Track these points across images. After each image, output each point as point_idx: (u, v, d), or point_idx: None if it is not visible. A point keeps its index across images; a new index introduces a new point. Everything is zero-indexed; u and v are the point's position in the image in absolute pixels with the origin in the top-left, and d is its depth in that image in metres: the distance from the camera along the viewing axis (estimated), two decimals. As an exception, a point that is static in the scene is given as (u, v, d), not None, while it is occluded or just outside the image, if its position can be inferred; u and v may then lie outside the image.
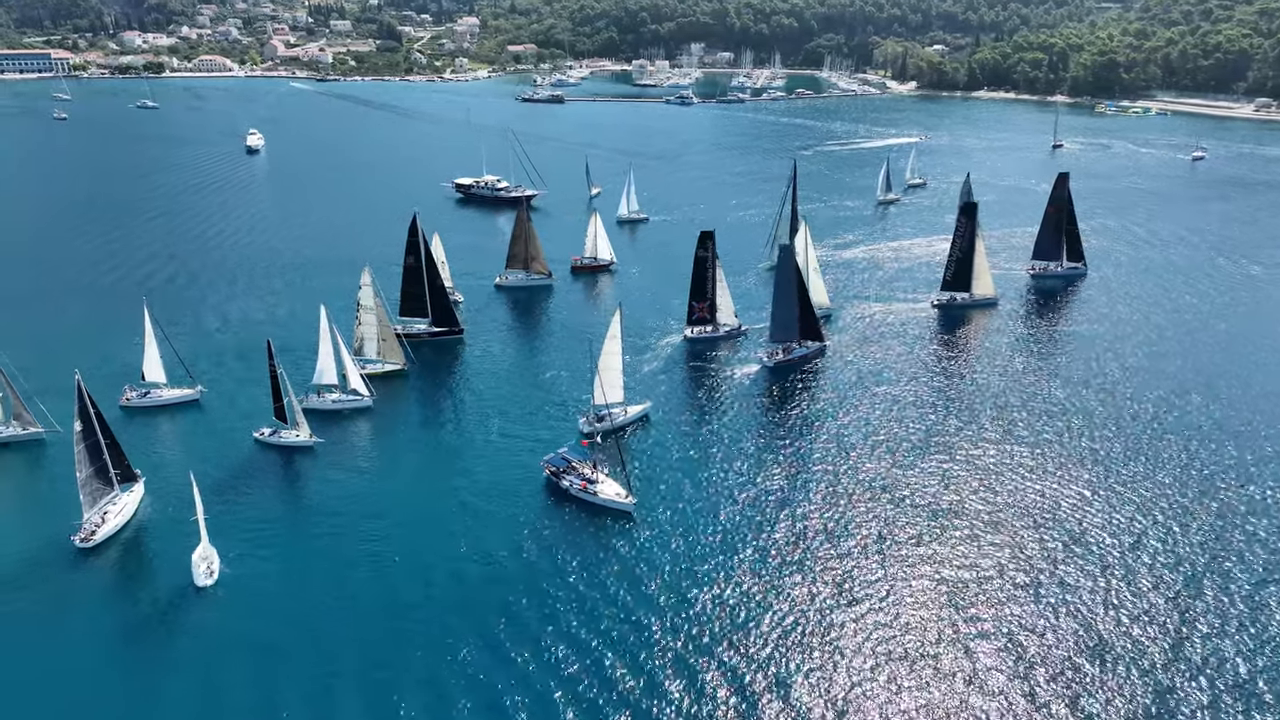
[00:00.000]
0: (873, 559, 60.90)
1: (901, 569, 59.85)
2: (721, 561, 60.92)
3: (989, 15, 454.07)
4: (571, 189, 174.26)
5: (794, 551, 61.90)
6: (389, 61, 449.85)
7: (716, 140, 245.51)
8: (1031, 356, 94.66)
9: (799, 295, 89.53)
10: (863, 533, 63.74)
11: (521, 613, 56.30)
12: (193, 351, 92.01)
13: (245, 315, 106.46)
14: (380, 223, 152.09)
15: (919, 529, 64.04)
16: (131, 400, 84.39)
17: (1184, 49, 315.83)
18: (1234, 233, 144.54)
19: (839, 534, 63.70)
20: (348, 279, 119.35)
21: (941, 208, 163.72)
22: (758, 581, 58.77)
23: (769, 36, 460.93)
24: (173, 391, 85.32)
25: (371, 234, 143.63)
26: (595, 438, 69.56)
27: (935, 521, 64.86)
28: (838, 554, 61.50)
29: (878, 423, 79.79)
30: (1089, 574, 58.98)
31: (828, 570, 59.92)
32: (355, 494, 70.27)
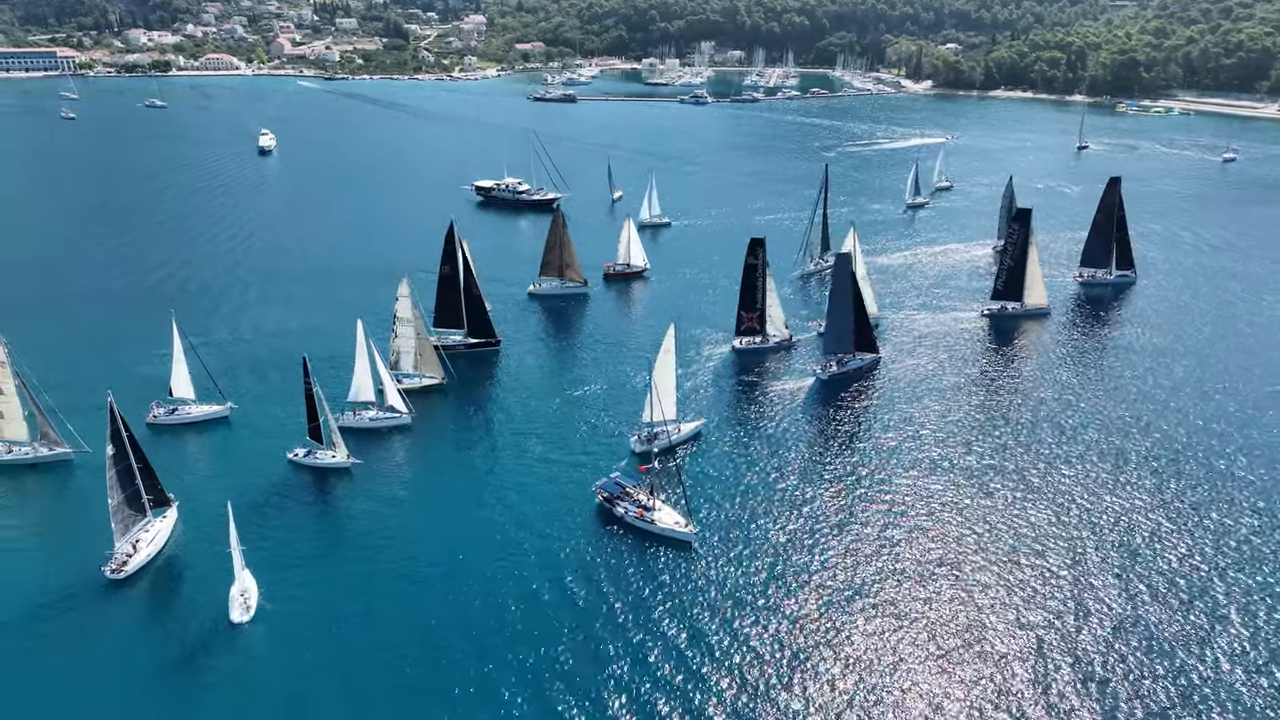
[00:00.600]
0: (948, 593, 57.29)
1: (976, 604, 56.29)
2: (786, 597, 57.29)
3: (1002, 13, 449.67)
4: (592, 192, 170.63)
5: (863, 586, 58.28)
6: (397, 60, 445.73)
7: (734, 141, 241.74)
8: (1090, 372, 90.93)
9: (855, 305, 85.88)
10: (935, 566, 60.10)
11: (573, 656, 52.72)
12: (218, 364, 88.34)
13: (270, 325, 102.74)
14: (402, 227, 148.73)
15: (990, 560, 60.47)
16: (159, 417, 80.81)
17: (1205, 48, 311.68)
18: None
19: (910, 567, 60.03)
20: (373, 287, 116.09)
21: (974, 211, 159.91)
22: (826, 622, 55.07)
23: (780, 35, 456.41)
24: (201, 408, 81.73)
25: (394, 239, 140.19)
26: (653, 463, 65.70)
27: (1007, 553, 61.26)
28: (911, 589, 57.85)
29: (938, 442, 76.10)
30: (1176, 613, 55.40)
31: (901, 607, 56.30)
32: (395, 522, 66.62)
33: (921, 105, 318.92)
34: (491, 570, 60.23)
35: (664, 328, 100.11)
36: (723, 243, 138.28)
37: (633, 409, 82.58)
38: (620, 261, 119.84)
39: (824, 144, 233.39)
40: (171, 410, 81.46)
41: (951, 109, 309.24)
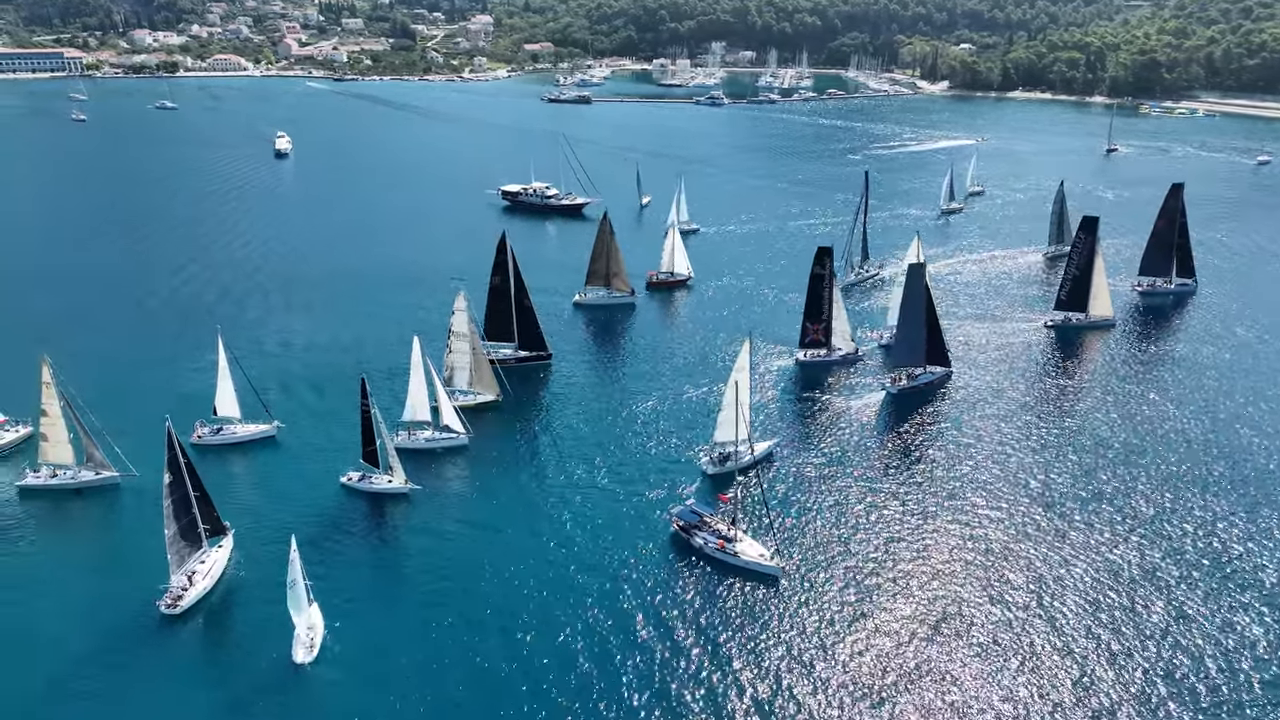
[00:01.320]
0: (1047, 634, 53.92)
1: (1073, 643, 53.06)
2: (879, 638, 53.82)
3: (1016, 13, 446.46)
4: (619, 197, 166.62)
5: (959, 626, 54.85)
6: (405, 60, 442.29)
7: (757, 143, 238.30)
8: (1167, 389, 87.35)
9: (928, 317, 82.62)
10: (1031, 603, 56.72)
11: (653, 705, 49.18)
12: (260, 380, 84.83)
13: (310, 338, 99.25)
14: (432, 233, 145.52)
15: (1079, 596, 57.22)
16: (204, 437, 77.37)
17: (1227, 48, 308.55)
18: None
19: (1008, 606, 56.62)
20: (412, 296, 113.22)
21: (1012, 217, 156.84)
22: (927, 667, 51.56)
23: (792, 35, 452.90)
24: (248, 427, 78.33)
25: (424, 245, 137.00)
26: (734, 492, 62.16)
27: (1093, 585, 57.97)
28: (1011, 628, 54.46)
29: (1022, 465, 72.78)
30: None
31: (1002, 648, 52.91)
32: (459, 554, 62.96)
33: (940, 107, 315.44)
34: (560, 610, 56.77)
35: (718, 340, 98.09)
36: (760, 250, 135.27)
37: (695, 427, 79.42)
38: (664, 270, 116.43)
39: (848, 146, 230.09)
40: (217, 430, 78.08)
41: (970, 110, 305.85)
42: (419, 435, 76.36)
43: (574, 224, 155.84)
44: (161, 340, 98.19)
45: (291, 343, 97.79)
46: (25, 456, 72.92)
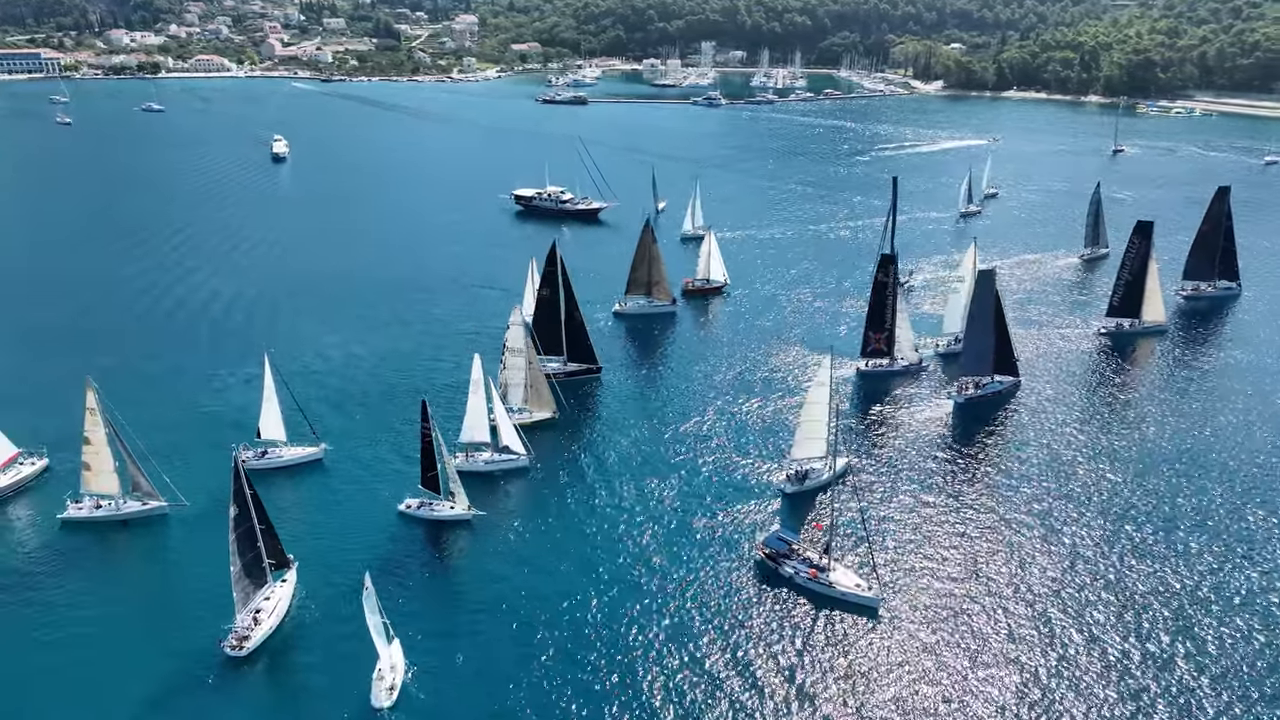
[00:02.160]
0: (1169, 665, 51.59)
1: (1180, 669, 50.68)
2: (998, 671, 51.13)
3: (1005, 13, 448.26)
4: (633, 201, 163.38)
5: (1085, 657, 52.39)
6: (392, 61, 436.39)
7: (760, 144, 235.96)
8: (1230, 397, 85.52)
9: (997, 325, 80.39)
10: (1135, 630, 54.40)
11: None
12: (300, 399, 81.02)
13: (348, 354, 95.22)
14: (450, 239, 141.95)
15: (1215, 623, 54.88)
16: (248, 461, 72.95)
17: (1221, 48, 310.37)
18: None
19: (1121, 635, 54.29)
20: (443, 308, 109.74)
21: (1034, 220, 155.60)
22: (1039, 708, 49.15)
23: (782, 35, 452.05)
24: (294, 450, 74.55)
25: (447, 253, 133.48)
26: (829, 519, 59.23)
27: (1232, 613, 55.74)
28: (1123, 664, 52.09)
29: (1105, 480, 70.53)
30: None
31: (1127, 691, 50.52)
32: (535, 583, 59.45)
33: (937, 106, 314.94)
34: (647, 646, 53.62)
35: (767, 350, 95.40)
36: (784, 255, 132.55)
37: (762, 443, 76.66)
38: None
39: (854, 148, 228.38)
40: (261, 453, 74.17)
41: (968, 110, 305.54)
42: (478, 457, 72.89)
43: (591, 229, 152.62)
44: (197, 356, 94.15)
45: (328, 357, 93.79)
46: (57, 488, 68.67)
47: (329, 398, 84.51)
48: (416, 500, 67.89)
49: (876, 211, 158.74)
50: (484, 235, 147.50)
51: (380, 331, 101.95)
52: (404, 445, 76.25)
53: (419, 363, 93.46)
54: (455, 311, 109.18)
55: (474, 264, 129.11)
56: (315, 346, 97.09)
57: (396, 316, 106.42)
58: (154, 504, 65.61)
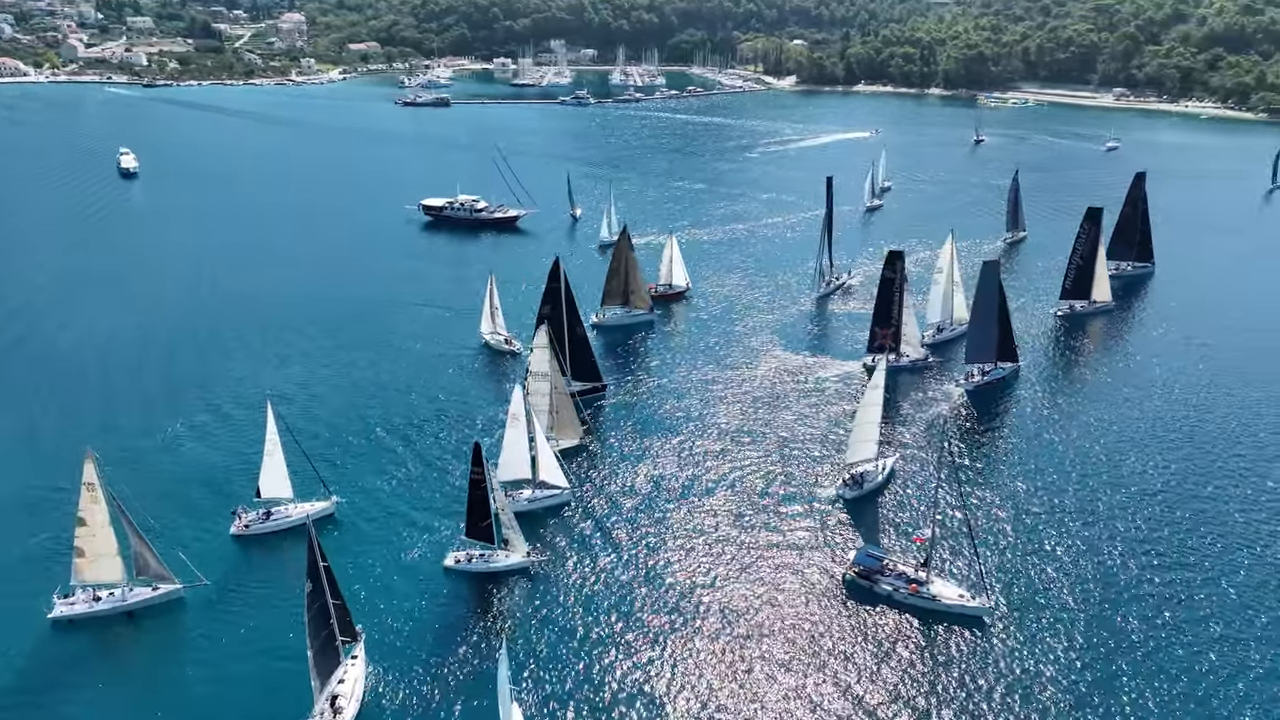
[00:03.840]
0: None
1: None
2: (1106, 672, 52.11)
3: (840, 11, 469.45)
4: (547, 207, 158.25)
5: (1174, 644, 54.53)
6: (220, 63, 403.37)
7: (649, 143, 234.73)
8: (1205, 367, 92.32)
9: (1000, 315, 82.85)
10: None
11: None
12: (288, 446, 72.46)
13: (308, 391, 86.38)
14: (369, 259, 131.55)
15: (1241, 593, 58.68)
16: (250, 526, 64.65)
17: (1040, 42, 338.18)
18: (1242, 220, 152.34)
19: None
20: (394, 330, 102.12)
21: (940, 210, 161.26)
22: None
23: (630, 32, 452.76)
24: (302, 507, 66.35)
25: (371, 275, 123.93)
26: (929, 530, 58.43)
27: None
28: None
29: (1133, 456, 74.24)
30: None
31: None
32: (616, 631, 55.60)
33: (796, 101, 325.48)
34: (753, 683, 51.37)
35: (755, 354, 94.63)
36: (724, 257, 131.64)
37: (796, 451, 75.43)
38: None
39: (740, 144, 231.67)
40: (265, 514, 65.46)
41: (825, 104, 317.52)
42: (519, 496, 67.39)
43: (513, 239, 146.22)
44: (141, 405, 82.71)
45: (290, 397, 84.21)
46: (34, 581, 57.69)
47: (315, 442, 75.71)
48: (464, 553, 61.89)
49: (791, 208, 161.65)
50: (398, 249, 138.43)
51: (339, 362, 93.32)
52: (420, 490, 70.32)
53: (396, 394, 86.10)
54: (413, 334, 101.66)
55: (406, 281, 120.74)
56: (271, 383, 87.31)
57: (351, 344, 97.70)
58: (167, 587, 56.43)
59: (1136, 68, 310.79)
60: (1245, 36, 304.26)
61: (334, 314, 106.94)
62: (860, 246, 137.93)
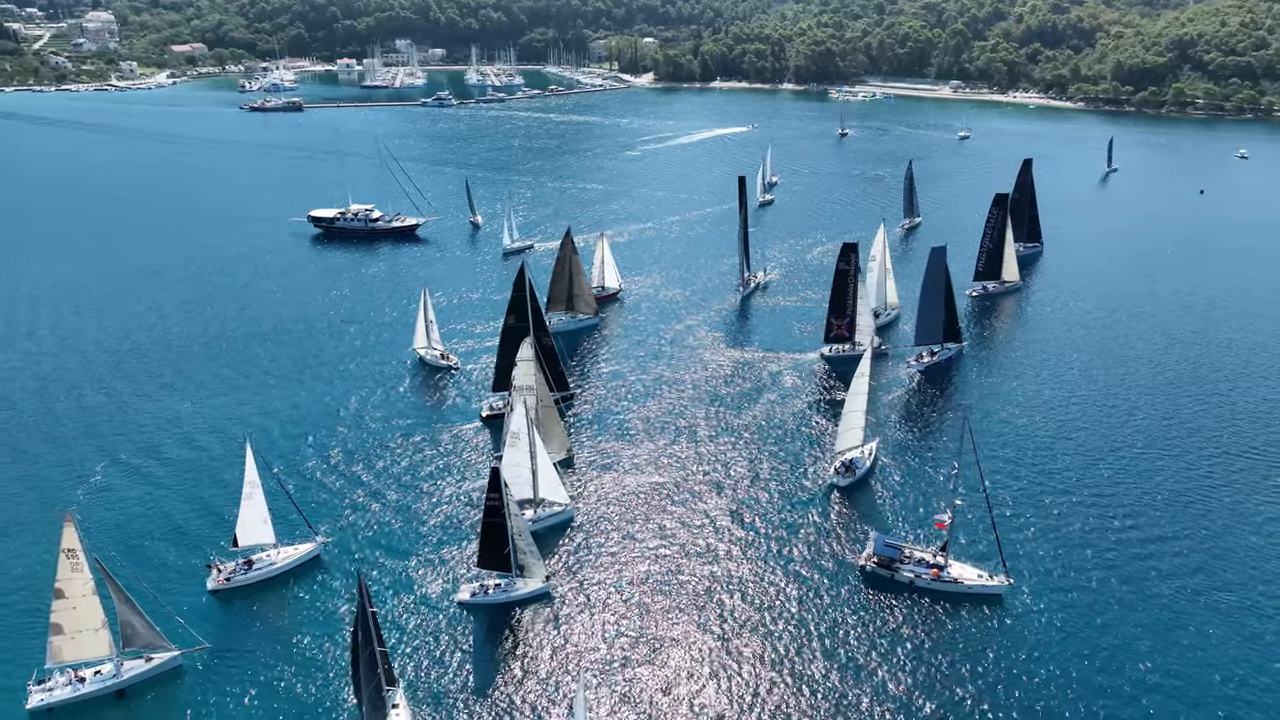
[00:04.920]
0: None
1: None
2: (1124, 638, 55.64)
3: (685, 9, 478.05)
4: (445, 214, 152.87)
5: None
6: (21, 67, 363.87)
7: (526, 145, 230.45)
8: (1102, 333, 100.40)
9: (946, 298, 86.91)
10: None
11: None
12: (233, 487, 66.41)
13: (252, 423, 79.25)
14: (257, 276, 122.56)
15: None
16: (233, 578, 58.85)
17: (880, 39, 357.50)
18: (1099, 198, 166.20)
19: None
20: (322, 350, 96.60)
21: (830, 201, 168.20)
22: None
23: (479, 31, 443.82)
24: (287, 551, 61.13)
25: (264, 292, 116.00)
26: (949, 514, 59.96)
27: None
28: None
29: (1106, 419, 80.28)
30: None
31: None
32: (646, 650, 54.47)
33: (657, 98, 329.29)
34: (799, 682, 51.99)
35: (705, 351, 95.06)
36: (639, 256, 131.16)
37: (782, 444, 76.43)
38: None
39: (618, 142, 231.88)
40: (246, 564, 59.70)
41: (684, 100, 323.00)
42: (523, 516, 64.41)
43: (415, 249, 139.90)
44: (72, 452, 73.34)
45: (228, 434, 77.07)
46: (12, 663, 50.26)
47: (275, 480, 69.77)
48: (479, 584, 58.76)
49: (689, 205, 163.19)
50: (294, 266, 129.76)
51: (274, 391, 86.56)
52: (407, 521, 66.40)
53: (348, 421, 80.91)
54: (341, 355, 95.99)
55: (313, 299, 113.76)
56: (213, 421, 79.99)
57: (280, 371, 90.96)
58: (163, 656, 50.43)
59: (967, 62, 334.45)
60: (1057, 33, 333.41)
61: (249, 340, 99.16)
62: (764, 243, 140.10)
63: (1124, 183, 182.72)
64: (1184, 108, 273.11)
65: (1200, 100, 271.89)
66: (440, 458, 74.87)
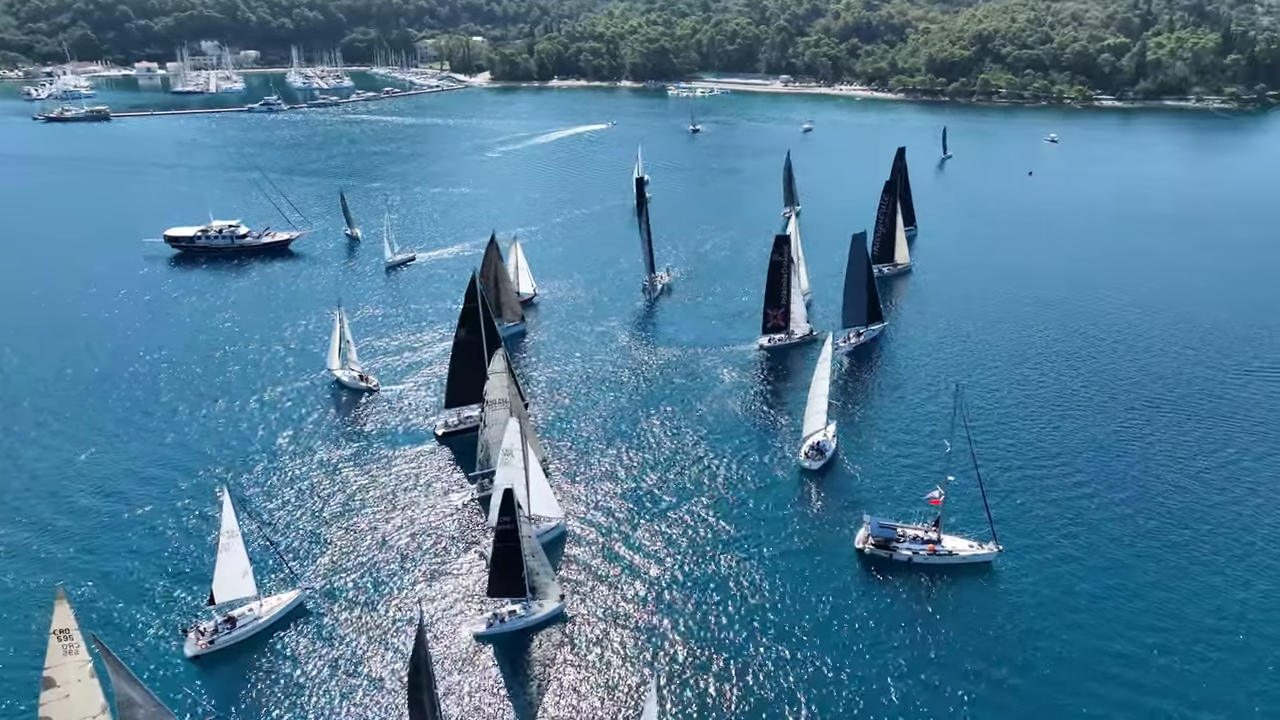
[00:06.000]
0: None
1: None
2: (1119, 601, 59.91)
3: (511, 7, 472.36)
4: (323, 226, 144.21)
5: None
6: None
7: (379, 150, 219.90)
8: (1000, 305, 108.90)
9: (868, 281, 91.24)
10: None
11: None
12: (183, 534, 60.56)
13: (178, 468, 71.93)
14: (110, 308, 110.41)
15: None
16: (216, 640, 53.44)
17: (711, 36, 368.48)
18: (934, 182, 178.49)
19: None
20: (215, 379, 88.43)
21: (703, 195, 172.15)
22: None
23: (294, 32, 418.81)
24: (270, 602, 56.21)
25: (126, 321, 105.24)
26: (941, 492, 62.84)
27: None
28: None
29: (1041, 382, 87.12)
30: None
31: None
32: (648, 654, 54.98)
33: (498, 98, 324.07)
34: (823, 665, 53.36)
35: (639, 352, 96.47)
36: (533, 261, 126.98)
37: (741, 434, 77.82)
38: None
39: (475, 144, 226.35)
40: (228, 622, 54.27)
41: (526, 99, 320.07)
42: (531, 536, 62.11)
43: (291, 265, 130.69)
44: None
45: (158, 481, 69.46)
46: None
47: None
48: (492, 614, 56.40)
49: (568, 204, 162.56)
50: (159, 292, 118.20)
51: (189, 428, 78.92)
52: (389, 557, 62.12)
53: (287, 454, 74.92)
54: (246, 384, 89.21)
55: (194, 325, 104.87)
56: (128, 468, 71.80)
57: (183, 409, 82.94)
58: (176, 745, 44.81)
59: (793, 57, 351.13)
60: (872, 29, 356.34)
61: (134, 377, 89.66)
62: (655, 242, 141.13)
63: (960, 168, 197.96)
64: (990, 96, 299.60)
65: (1004, 90, 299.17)
66: (404, 482, 70.86)
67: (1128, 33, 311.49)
